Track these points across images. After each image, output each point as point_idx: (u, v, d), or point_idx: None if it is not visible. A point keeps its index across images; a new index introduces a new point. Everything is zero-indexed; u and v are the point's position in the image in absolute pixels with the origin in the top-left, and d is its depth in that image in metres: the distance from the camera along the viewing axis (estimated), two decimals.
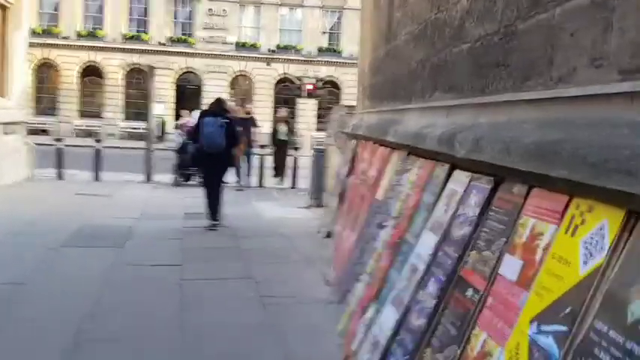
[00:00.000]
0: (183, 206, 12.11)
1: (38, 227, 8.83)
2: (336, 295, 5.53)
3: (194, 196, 12.72)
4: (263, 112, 36.50)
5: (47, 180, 15.46)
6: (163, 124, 33.82)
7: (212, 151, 9.18)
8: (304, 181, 15.79)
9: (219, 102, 9.86)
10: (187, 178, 16.26)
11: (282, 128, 15.00)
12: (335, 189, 10.27)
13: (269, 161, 16.87)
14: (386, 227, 4.65)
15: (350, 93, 36.15)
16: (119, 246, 7.81)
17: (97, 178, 15.91)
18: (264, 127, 21.54)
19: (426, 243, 3.42)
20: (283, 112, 15.17)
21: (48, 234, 8.32)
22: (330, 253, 7.51)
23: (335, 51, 36.79)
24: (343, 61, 36.47)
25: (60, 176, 15.89)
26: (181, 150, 16.24)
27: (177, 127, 32.75)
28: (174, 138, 25.24)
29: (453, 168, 3.60)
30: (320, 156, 12.72)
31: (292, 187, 16.24)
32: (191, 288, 5.95)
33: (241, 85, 37.95)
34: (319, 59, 36.41)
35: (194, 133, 9.65)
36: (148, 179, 16.14)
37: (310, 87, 32.56)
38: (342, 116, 15.75)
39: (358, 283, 4.80)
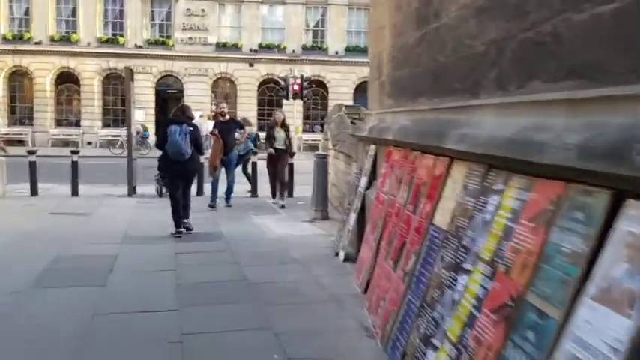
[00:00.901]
0: (170, 223, 10.75)
1: (2, 262, 7.40)
2: (390, 356, 4.21)
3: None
4: (247, 115, 35.09)
5: (20, 197, 14.01)
6: (144, 130, 32.30)
7: (177, 158, 9.29)
8: (302, 189, 14.52)
9: (183, 109, 9.94)
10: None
11: (280, 134, 13.07)
12: (346, 202, 8.95)
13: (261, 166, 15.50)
14: (470, 272, 3.34)
15: (338, 92, 34.95)
16: (100, 284, 6.43)
17: (74, 193, 14.47)
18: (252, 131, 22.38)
19: (600, 323, 2.10)
20: (280, 114, 13.35)
21: (13, 271, 6.92)
22: (358, 286, 6.20)
23: (320, 49, 35.41)
24: (329, 59, 35.15)
25: (34, 192, 14.44)
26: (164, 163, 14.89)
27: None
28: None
29: (617, 195, 2.30)
30: (322, 163, 11.41)
31: (289, 196, 14.91)
32: (195, 347, 4.60)
33: (223, 87, 36.50)
34: (304, 58, 35.01)
35: (160, 141, 9.52)
36: (131, 192, 14.70)
37: (296, 87, 31.21)
38: (341, 117, 14.45)
39: (431, 352, 3.48)
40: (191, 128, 9.43)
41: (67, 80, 35.29)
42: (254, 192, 15.12)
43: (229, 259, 7.76)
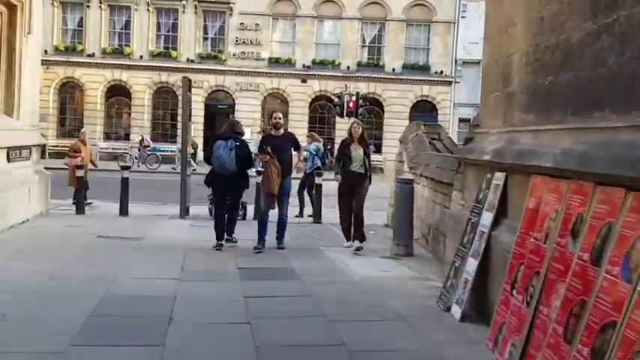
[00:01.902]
0: (233, 252, 9.36)
1: (37, 306, 6.03)
2: None
3: (240, 237, 10.07)
4: (298, 133, 33.79)
5: (64, 215, 12.81)
6: (194, 146, 31.19)
7: (222, 172, 9.50)
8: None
9: (232, 124, 10.27)
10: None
11: (358, 153, 9.99)
12: (453, 239, 7.39)
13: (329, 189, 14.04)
14: None
15: (393, 111, 33.51)
16: (158, 342, 5.00)
17: (123, 212, 13.22)
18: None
19: None
20: (357, 125, 9.40)
21: (50, 320, 5.54)
22: None
23: (376, 65, 33.99)
24: (385, 76, 33.69)
25: (79, 209, 13.22)
26: (211, 178, 13.58)
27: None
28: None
29: None
30: (408, 190, 9.87)
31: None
32: None
33: (274, 104, 35.32)
34: (359, 75, 33.63)
35: (208, 155, 9.83)
36: (184, 213, 13.36)
37: (351, 105, 29.79)
38: (419, 137, 12.92)
39: None
40: (237, 143, 9.58)
41: (117, 93, 34.61)
42: (317, 217, 13.64)
43: (313, 309, 6.25)
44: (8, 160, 10.98)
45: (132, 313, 5.87)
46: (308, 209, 14.25)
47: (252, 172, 10.83)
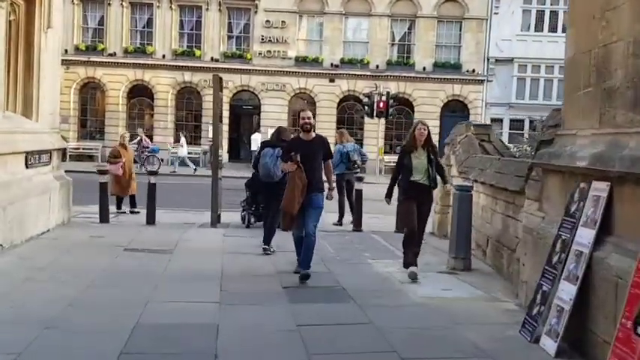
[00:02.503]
0: (275, 268, 8.46)
1: (58, 342, 5.17)
2: None
3: (279, 247, 9.23)
4: (325, 134, 32.84)
5: (87, 224, 12.02)
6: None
7: (267, 180, 9.49)
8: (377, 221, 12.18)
9: (278, 132, 9.91)
10: (260, 216, 12.75)
11: (422, 161, 8.11)
12: (530, 255, 6.44)
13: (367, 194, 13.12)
14: None
15: (423, 111, 32.43)
16: None
17: (150, 221, 12.40)
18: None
19: None
20: (422, 126, 8.23)
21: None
22: None
23: (406, 64, 32.90)
24: (416, 75, 32.59)
25: (104, 218, 12.42)
26: (253, 182, 12.75)
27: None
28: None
29: None
30: (466, 198, 8.88)
31: (398, 231, 12.46)
32: None
33: (301, 104, 34.42)
34: (388, 74, 32.56)
35: (254, 162, 10.23)
36: (215, 221, 12.52)
37: (381, 105, 28.86)
38: (469, 138, 11.93)
39: None
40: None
41: (139, 94, 33.88)
42: (358, 225, 12.71)
43: (379, 342, 5.32)
44: (27, 165, 10.17)
45: (170, 348, 4.99)
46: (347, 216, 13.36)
47: None
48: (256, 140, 30.85)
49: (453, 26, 32.80)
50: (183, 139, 30.52)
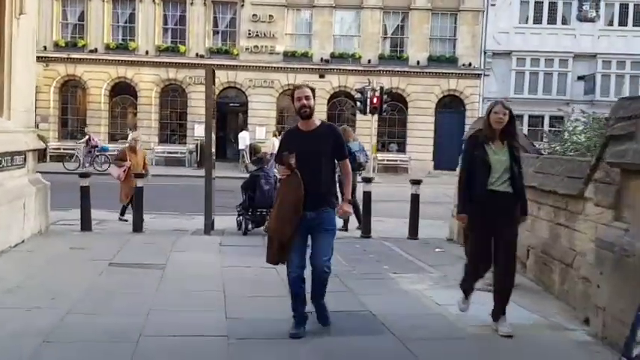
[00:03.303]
0: (286, 285, 7.22)
1: None
2: None
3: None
4: None
5: (67, 233, 10.76)
6: (201, 147, 29.04)
7: None
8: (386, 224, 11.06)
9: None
10: (259, 222, 11.65)
11: (501, 158, 5.64)
12: (610, 276, 5.27)
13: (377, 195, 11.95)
14: None
15: (418, 107, 31.39)
16: None
17: (137, 228, 11.16)
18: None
19: None
20: (501, 109, 5.77)
21: None
22: None
23: (399, 58, 31.69)
24: (409, 69, 31.38)
25: (85, 226, 11.13)
26: (251, 184, 11.64)
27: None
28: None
29: None
30: None
31: (412, 237, 11.32)
32: None
33: (289, 101, 33.13)
34: (381, 68, 31.31)
35: None
36: (209, 228, 11.30)
37: (374, 101, 27.64)
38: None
39: None
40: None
41: (122, 92, 32.45)
42: (366, 231, 11.53)
43: None
44: None
45: None
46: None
47: None
48: (244, 138, 29.65)
49: (448, 18, 31.64)
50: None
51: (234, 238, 10.92)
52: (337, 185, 5.79)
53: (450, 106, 32.01)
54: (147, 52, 31.65)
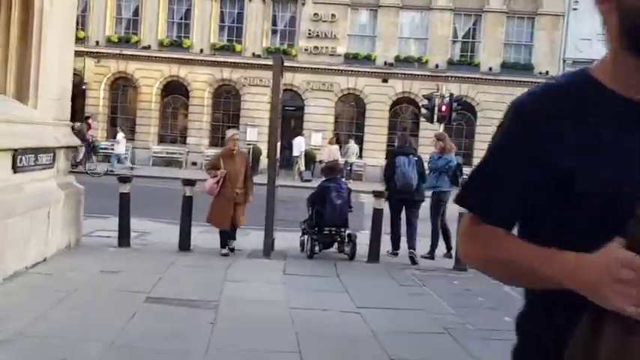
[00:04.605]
0: (380, 344, 5.22)
1: None
2: None
3: (376, 304, 6.09)
4: (375, 140, 29.72)
5: (101, 249, 8.96)
6: (255, 152, 27.37)
7: (406, 189, 9.33)
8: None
9: (405, 138, 10.45)
10: (328, 243, 9.76)
11: None
12: None
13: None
14: None
15: (488, 117, 28.92)
16: None
17: (183, 246, 9.31)
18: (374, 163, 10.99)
19: None
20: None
21: None
22: None
23: (470, 64, 29.45)
24: (480, 76, 29.11)
25: (123, 241, 9.31)
26: (320, 197, 9.71)
27: None
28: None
29: None
30: None
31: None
32: None
33: (348, 107, 31.24)
34: (449, 74, 29.12)
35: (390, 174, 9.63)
36: (269, 249, 9.36)
37: (443, 108, 25.49)
38: None
39: None
40: (416, 158, 9.70)
41: (174, 91, 30.98)
42: (460, 262, 9.37)
43: None
44: (15, 169, 7.12)
45: None
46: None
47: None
48: (299, 145, 27.85)
49: (525, 23, 29.25)
50: (120, 135, 27.37)
51: (299, 263, 8.99)
52: None
53: None
54: (201, 51, 30.15)
